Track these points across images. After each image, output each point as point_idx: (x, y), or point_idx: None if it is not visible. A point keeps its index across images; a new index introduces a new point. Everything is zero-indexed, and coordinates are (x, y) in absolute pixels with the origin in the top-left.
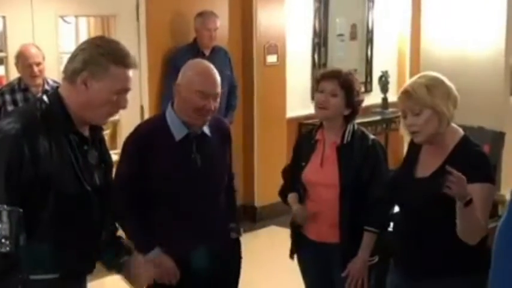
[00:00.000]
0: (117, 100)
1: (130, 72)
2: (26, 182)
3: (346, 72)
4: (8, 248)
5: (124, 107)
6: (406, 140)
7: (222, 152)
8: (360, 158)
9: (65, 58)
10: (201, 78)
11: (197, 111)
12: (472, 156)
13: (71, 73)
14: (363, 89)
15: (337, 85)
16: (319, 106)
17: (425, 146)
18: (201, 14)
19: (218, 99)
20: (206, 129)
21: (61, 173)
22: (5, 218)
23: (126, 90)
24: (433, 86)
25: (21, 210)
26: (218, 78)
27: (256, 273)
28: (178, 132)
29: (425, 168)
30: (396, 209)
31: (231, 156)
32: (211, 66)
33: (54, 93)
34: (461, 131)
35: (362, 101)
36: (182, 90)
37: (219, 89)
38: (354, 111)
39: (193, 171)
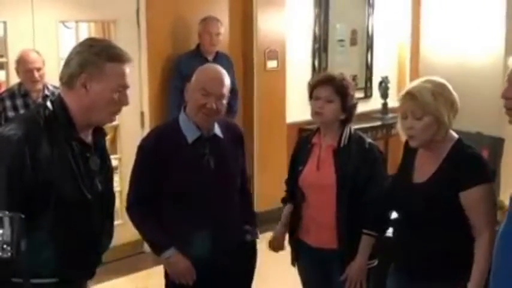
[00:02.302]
0: (119, 98)
1: (127, 68)
2: (27, 188)
3: (340, 77)
4: (9, 254)
5: (126, 103)
6: (403, 140)
7: (235, 154)
8: (357, 161)
9: None
10: (205, 77)
11: (199, 109)
12: (465, 160)
13: (69, 78)
14: (362, 95)
15: (333, 91)
16: (315, 112)
17: (421, 150)
18: (203, 19)
19: (223, 101)
20: (218, 131)
21: (62, 180)
22: (6, 224)
23: (125, 86)
24: (439, 93)
25: (22, 216)
26: (225, 80)
27: (257, 279)
28: (190, 134)
29: (421, 173)
30: (395, 214)
31: (245, 160)
32: (221, 69)
33: (58, 100)
34: (455, 135)
35: (356, 104)
36: (190, 90)
37: (223, 90)
38: (349, 115)
39: (206, 172)
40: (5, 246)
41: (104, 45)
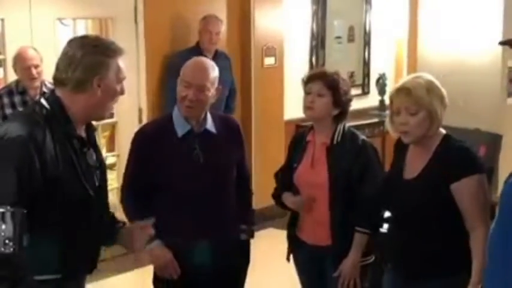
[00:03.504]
0: (119, 90)
1: (121, 60)
2: (35, 186)
3: (331, 72)
4: (11, 249)
5: (124, 93)
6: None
7: (229, 150)
8: (351, 158)
9: None
10: (188, 69)
11: (182, 101)
12: (453, 153)
13: (79, 83)
14: (360, 92)
15: (323, 86)
16: (306, 106)
17: (412, 146)
18: (203, 18)
19: (206, 92)
20: (211, 127)
21: (66, 177)
22: (8, 219)
23: (124, 78)
24: (432, 88)
25: (24, 211)
26: (209, 72)
27: (254, 275)
28: (180, 128)
29: (411, 169)
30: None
31: (244, 157)
32: (207, 61)
33: (53, 97)
34: (443, 131)
35: (350, 100)
36: (178, 85)
37: (205, 82)
38: (342, 111)
39: (195, 167)
40: (7, 241)
41: (105, 43)
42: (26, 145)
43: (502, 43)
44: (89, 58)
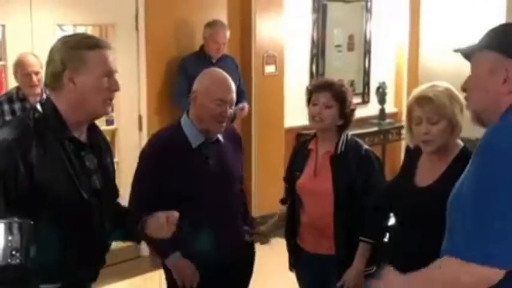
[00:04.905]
0: (108, 84)
1: (109, 54)
2: (22, 193)
3: (338, 83)
4: (18, 261)
5: (117, 88)
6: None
7: (235, 158)
8: (354, 168)
9: None
10: (219, 87)
11: (214, 117)
12: None
13: (52, 78)
14: (360, 100)
15: (331, 97)
16: (315, 118)
17: (426, 155)
18: (209, 25)
19: (233, 106)
20: (219, 136)
21: (56, 181)
22: (15, 230)
23: (111, 71)
24: (453, 96)
25: (32, 222)
26: (233, 85)
27: (254, 284)
28: (195, 139)
29: (425, 177)
30: (392, 220)
31: (243, 163)
32: (226, 74)
33: (47, 101)
34: (461, 143)
35: (354, 110)
36: (199, 98)
37: (234, 96)
38: (346, 121)
39: (210, 176)
40: (14, 252)
41: (78, 37)
42: (10, 149)
43: (455, 51)
44: (60, 53)
